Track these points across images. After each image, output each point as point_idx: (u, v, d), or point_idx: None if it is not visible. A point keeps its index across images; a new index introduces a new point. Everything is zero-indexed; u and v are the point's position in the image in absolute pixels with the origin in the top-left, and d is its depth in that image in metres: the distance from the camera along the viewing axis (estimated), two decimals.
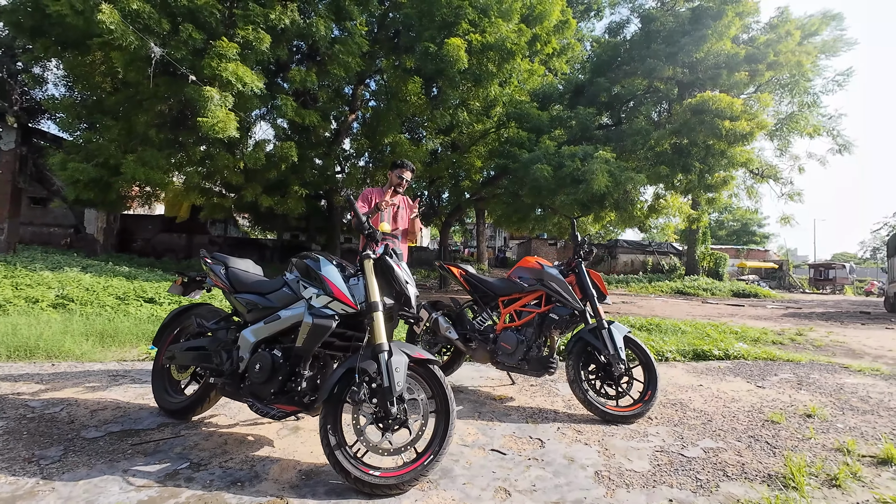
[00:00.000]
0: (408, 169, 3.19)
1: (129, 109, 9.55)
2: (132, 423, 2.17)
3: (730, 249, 28.30)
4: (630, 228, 12.63)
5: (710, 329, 6.02)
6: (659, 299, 14.25)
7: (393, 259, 1.97)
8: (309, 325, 1.79)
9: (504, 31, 9.54)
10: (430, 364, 1.85)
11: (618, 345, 2.50)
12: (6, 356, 3.36)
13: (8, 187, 10.60)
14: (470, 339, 2.99)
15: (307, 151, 11.53)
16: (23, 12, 8.55)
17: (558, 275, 2.73)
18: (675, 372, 3.71)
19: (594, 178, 8.27)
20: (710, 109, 8.59)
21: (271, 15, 8.38)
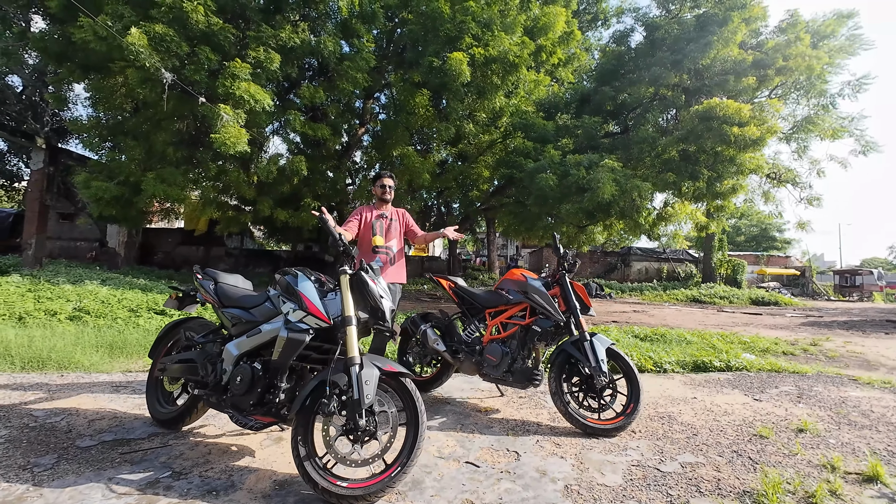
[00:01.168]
0: (387, 177, 3.24)
1: (148, 129, 9.98)
2: (125, 433, 2.27)
3: (748, 256, 27.53)
4: (637, 237, 12.45)
5: (717, 339, 5.89)
6: (672, 308, 13.95)
7: (369, 274, 2.04)
8: (284, 338, 1.87)
9: (507, 44, 9.67)
10: (402, 377, 1.90)
11: (599, 357, 2.50)
12: (20, 367, 3.55)
13: (36, 205, 11.15)
14: (458, 351, 3.02)
15: (318, 165, 11.82)
16: (50, 39, 9.09)
17: (541, 287, 2.75)
18: (670, 384, 3.66)
19: (600, 186, 8.24)
20: (718, 116, 8.48)
21: (282, 34, 8.71)
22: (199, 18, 7.84)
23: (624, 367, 2.57)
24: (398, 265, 3.25)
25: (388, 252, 3.16)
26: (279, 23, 8.90)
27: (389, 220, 3.23)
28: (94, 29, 7.80)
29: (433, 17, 9.80)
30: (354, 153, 15.29)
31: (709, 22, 9.44)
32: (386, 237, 3.18)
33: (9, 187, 21.81)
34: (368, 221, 3.14)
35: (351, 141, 13.80)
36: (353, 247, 2.70)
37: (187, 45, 8.09)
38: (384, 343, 3.24)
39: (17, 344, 3.79)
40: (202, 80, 8.27)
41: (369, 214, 3.17)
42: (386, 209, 3.25)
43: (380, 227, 3.18)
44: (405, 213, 3.38)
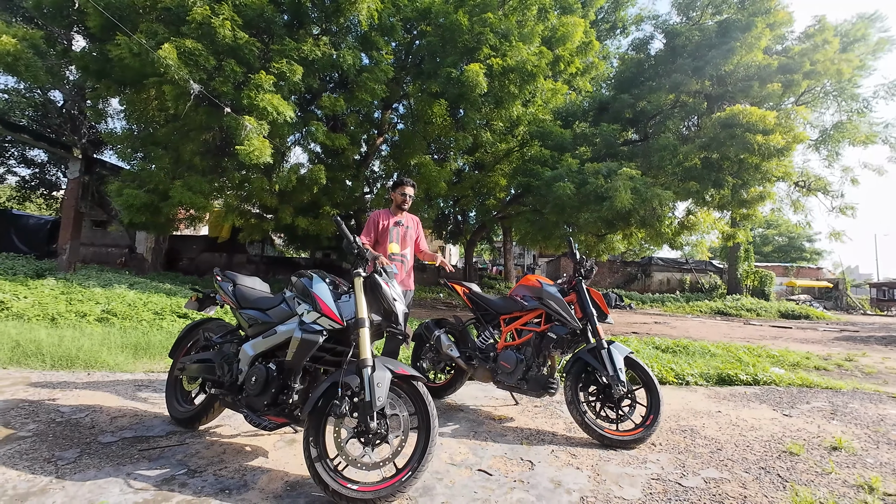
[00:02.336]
0: (408, 185, 3.26)
1: (177, 140, 10.39)
2: (145, 430, 2.33)
3: (776, 267, 26.49)
4: (658, 247, 12.16)
5: (744, 352, 5.66)
6: (696, 320, 13.52)
7: (383, 277, 2.05)
8: (298, 339, 1.89)
9: (525, 54, 9.72)
10: (414, 380, 1.89)
11: (617, 366, 2.43)
12: (50, 365, 3.69)
13: (71, 212, 11.70)
14: (471, 357, 2.99)
15: (338, 174, 12.05)
16: (89, 57, 9.61)
17: (557, 293, 2.71)
18: (693, 397, 3.52)
19: (618, 195, 8.12)
20: (741, 123, 8.26)
21: (304, 47, 8.98)
22: (226, 34, 8.16)
23: (643, 377, 2.48)
24: (409, 272, 3.28)
25: (404, 259, 3.19)
26: (301, 37, 9.19)
27: (406, 227, 3.26)
28: (130, 46, 8.22)
29: (451, 29, 9.95)
30: (373, 162, 15.55)
31: (731, 28, 9.28)
32: (402, 245, 3.21)
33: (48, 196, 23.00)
34: (386, 227, 3.17)
35: (369, 150, 14.04)
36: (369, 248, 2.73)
37: (215, 59, 8.43)
38: (397, 347, 3.24)
39: (49, 343, 3.95)
40: (228, 92, 8.59)
41: (386, 221, 3.19)
42: (403, 216, 3.27)
43: (397, 234, 3.21)
44: (419, 223, 3.42)
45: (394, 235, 3.19)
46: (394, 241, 3.18)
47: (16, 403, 2.64)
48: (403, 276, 3.19)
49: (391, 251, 3.16)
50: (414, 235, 3.31)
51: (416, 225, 3.36)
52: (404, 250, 3.22)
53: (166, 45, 7.71)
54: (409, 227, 3.28)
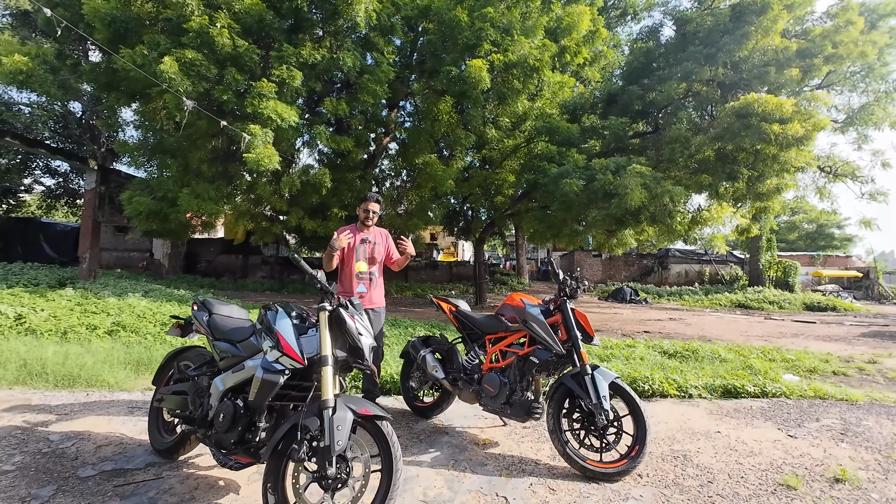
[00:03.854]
0: (372, 201, 3.16)
1: (185, 148, 10.57)
2: (125, 462, 2.35)
3: (802, 257, 25.46)
4: (671, 242, 11.80)
5: (757, 357, 5.42)
6: (714, 314, 13.12)
7: (349, 310, 2.00)
8: (259, 379, 1.85)
9: (527, 48, 9.47)
10: (378, 420, 1.83)
11: (601, 393, 2.32)
12: (53, 384, 3.79)
13: (89, 221, 12.08)
14: (457, 378, 2.93)
15: (345, 175, 12.08)
16: (99, 70, 9.83)
17: (540, 315, 2.60)
18: (694, 413, 3.37)
19: (627, 193, 7.87)
20: (756, 112, 7.87)
21: (302, 52, 8.97)
22: (224, 42, 8.20)
23: (630, 405, 2.37)
24: (379, 289, 3.21)
25: (372, 277, 3.11)
26: (300, 41, 9.17)
27: (373, 244, 3.17)
28: (133, 58, 8.35)
29: (451, 26, 9.77)
30: (381, 162, 15.53)
31: (746, 11, 8.82)
32: (369, 263, 3.13)
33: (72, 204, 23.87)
34: (351, 246, 3.08)
35: (376, 151, 14.01)
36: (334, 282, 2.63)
37: (216, 68, 8.49)
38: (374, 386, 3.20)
39: (54, 361, 4.07)
40: (231, 101, 8.65)
41: (352, 238, 3.09)
42: (369, 232, 3.18)
43: (363, 252, 3.13)
44: (388, 236, 3.31)
45: (360, 253, 3.12)
46: (360, 259, 3.10)
47: (9, 431, 2.71)
48: (371, 293, 3.12)
49: (358, 270, 3.08)
50: (383, 251, 3.23)
51: (384, 239, 3.27)
52: (372, 268, 3.15)
53: (167, 59, 7.79)
54: (376, 244, 3.19)
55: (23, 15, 15.92)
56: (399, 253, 3.25)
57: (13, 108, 18.26)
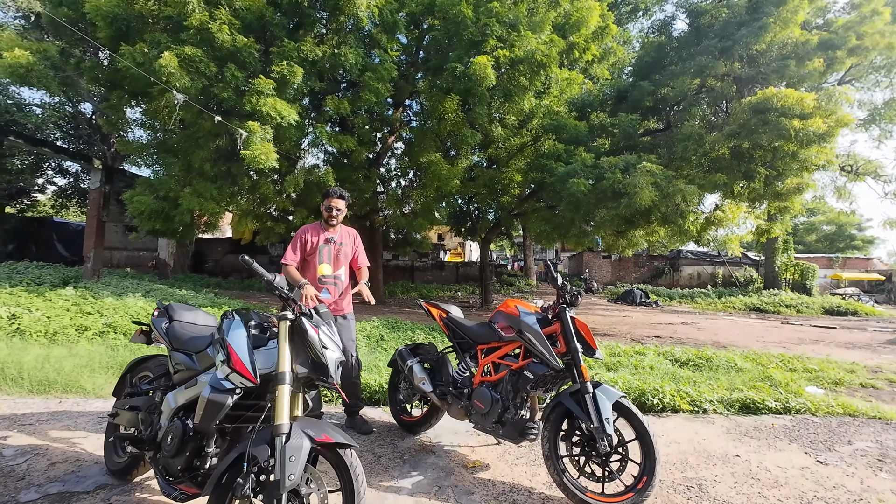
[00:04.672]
0: (336, 197, 2.83)
1: (187, 147, 10.47)
2: (75, 483, 2.14)
3: (820, 259, 24.65)
4: (683, 244, 11.38)
5: (776, 366, 5.07)
6: (728, 318, 12.65)
7: (312, 320, 1.75)
8: (205, 399, 1.62)
9: (534, 43, 9.19)
10: (341, 448, 1.58)
11: (604, 415, 2.04)
12: (28, 390, 3.62)
13: (94, 221, 12.08)
14: (446, 392, 2.67)
15: (350, 174, 11.91)
16: (100, 68, 9.78)
17: (535, 325, 2.33)
18: (709, 431, 3.07)
19: (637, 192, 7.53)
20: (775, 107, 7.48)
21: (304, 48, 8.79)
22: (224, 38, 8.06)
23: (637, 428, 2.08)
24: (346, 295, 2.92)
25: (337, 282, 2.83)
26: (301, 37, 9.00)
27: (339, 244, 2.88)
28: (134, 56, 8.26)
29: (456, 22, 9.53)
30: (388, 161, 15.34)
31: (764, 2, 8.42)
32: (334, 265, 2.84)
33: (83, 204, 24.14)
34: (315, 246, 2.79)
35: (381, 150, 13.81)
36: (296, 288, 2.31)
37: (215, 65, 8.36)
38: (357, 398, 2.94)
39: (31, 366, 3.90)
40: (230, 98, 8.51)
41: (315, 238, 2.81)
42: (334, 232, 2.88)
43: (328, 253, 2.84)
44: (357, 236, 3.02)
45: (324, 255, 2.82)
46: (324, 261, 2.81)
47: None
48: (337, 299, 2.86)
49: (322, 273, 2.80)
50: (350, 253, 2.95)
51: (352, 240, 2.99)
52: (337, 271, 2.86)
53: (167, 54, 7.68)
54: (342, 244, 2.90)
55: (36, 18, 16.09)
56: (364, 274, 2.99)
57: (24, 108, 18.50)
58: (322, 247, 2.81)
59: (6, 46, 9.54)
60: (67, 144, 19.73)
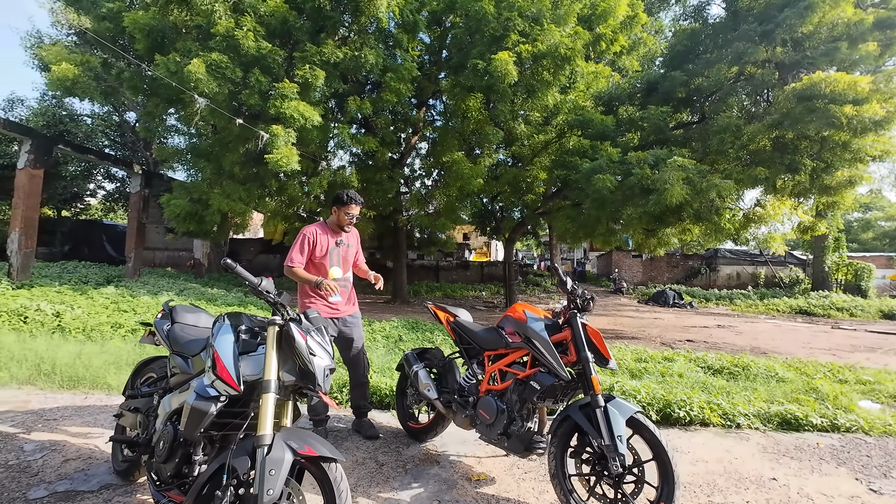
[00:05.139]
0: (356, 204, 2.80)
1: (218, 151, 10.86)
2: (82, 482, 2.18)
3: (878, 258, 22.68)
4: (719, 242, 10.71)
5: (824, 376, 4.63)
6: (770, 322, 11.85)
7: (301, 326, 1.69)
8: (189, 406, 1.58)
9: (557, 37, 8.89)
10: (326, 462, 1.51)
11: (616, 432, 1.87)
12: (59, 385, 3.80)
13: (135, 223, 12.75)
14: (451, 400, 2.56)
15: (374, 175, 12.01)
16: (139, 78, 10.28)
17: (543, 331, 2.17)
18: (742, 449, 2.80)
19: (667, 188, 7.13)
20: (823, 94, 6.87)
21: (325, 51, 8.90)
22: (249, 44, 8.27)
23: (654, 448, 1.89)
24: (353, 294, 2.93)
25: (347, 284, 2.82)
26: (322, 40, 9.12)
27: (347, 246, 2.87)
28: (167, 65, 8.62)
29: (477, 19, 9.37)
30: (412, 161, 15.38)
31: None
32: (343, 268, 2.81)
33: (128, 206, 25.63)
34: (325, 249, 2.76)
35: (405, 150, 13.84)
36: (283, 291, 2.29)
37: (241, 70, 8.60)
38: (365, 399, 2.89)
39: (64, 362, 4.10)
40: (255, 103, 8.74)
41: (325, 241, 2.76)
42: (342, 234, 2.86)
43: (338, 256, 2.81)
44: (358, 236, 3.02)
45: (334, 258, 2.79)
46: (335, 264, 2.77)
47: None
48: (348, 301, 2.86)
49: (333, 277, 2.76)
50: (354, 253, 2.96)
51: (356, 240, 2.99)
52: (346, 273, 2.86)
53: (195, 61, 7.96)
54: (349, 246, 2.89)
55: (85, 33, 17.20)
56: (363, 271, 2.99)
57: (76, 118, 19.83)
58: (332, 249, 2.80)
59: (55, 60, 10.20)
60: (114, 151, 21.00)
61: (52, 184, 18.79)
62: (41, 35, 18.58)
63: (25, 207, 9.69)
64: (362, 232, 12.76)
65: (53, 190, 19.26)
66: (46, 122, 17.60)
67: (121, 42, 10.67)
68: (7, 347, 4.51)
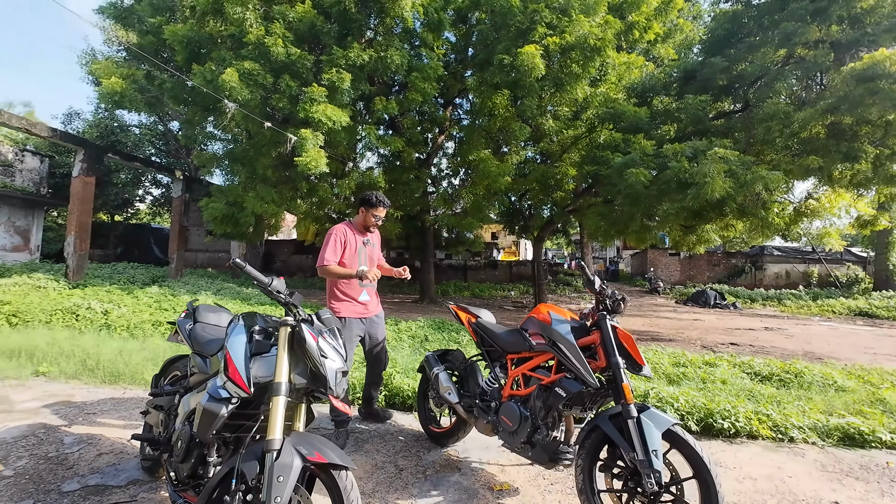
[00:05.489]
0: (384, 207, 2.87)
1: (252, 156, 11.24)
2: (112, 476, 2.24)
3: None
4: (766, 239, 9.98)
5: (891, 387, 4.17)
6: (825, 324, 10.96)
7: (314, 327, 1.64)
8: (201, 408, 1.56)
9: (586, 27, 8.58)
10: (336, 469, 1.45)
11: (650, 446, 1.70)
12: (101, 380, 4.00)
13: (177, 226, 13.42)
14: (472, 405, 2.46)
15: (401, 175, 12.08)
16: (179, 88, 10.80)
17: (569, 334, 2.03)
18: (797, 467, 2.53)
19: (707, 182, 6.70)
20: (887, 73, 6.24)
21: (351, 54, 9.01)
22: (279, 51, 8.48)
23: (695, 463, 1.71)
24: (376, 294, 3.00)
25: (373, 284, 2.80)
26: (349, 43, 9.23)
27: (372, 246, 2.96)
28: (203, 74, 8.99)
29: (503, 13, 9.20)
30: (438, 161, 15.36)
31: None
32: (370, 266, 2.83)
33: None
34: (354, 249, 2.81)
35: (431, 150, 13.83)
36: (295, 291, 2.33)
37: (271, 77, 8.84)
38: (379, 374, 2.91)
39: (106, 358, 4.31)
40: (285, 106, 8.96)
41: (354, 241, 2.82)
42: (368, 234, 2.95)
43: (365, 256, 2.87)
44: (379, 236, 3.11)
45: (363, 258, 2.85)
46: (363, 263, 2.82)
47: (34, 430, 2.79)
48: (374, 300, 2.92)
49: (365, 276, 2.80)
50: (378, 252, 3.04)
51: (379, 241, 3.08)
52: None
53: (229, 70, 8.26)
54: (374, 246, 2.99)
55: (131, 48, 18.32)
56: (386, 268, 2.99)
57: (126, 129, 21.19)
58: (360, 249, 2.87)
59: (104, 75, 10.88)
60: (159, 159, 22.28)
61: (106, 191, 20.16)
62: (94, 52, 19.95)
63: (79, 213, 10.39)
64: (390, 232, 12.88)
65: (107, 196, 20.64)
66: (100, 133, 18.89)
67: (163, 54, 11.25)
68: (59, 343, 4.81)
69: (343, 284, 2.79)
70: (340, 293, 2.80)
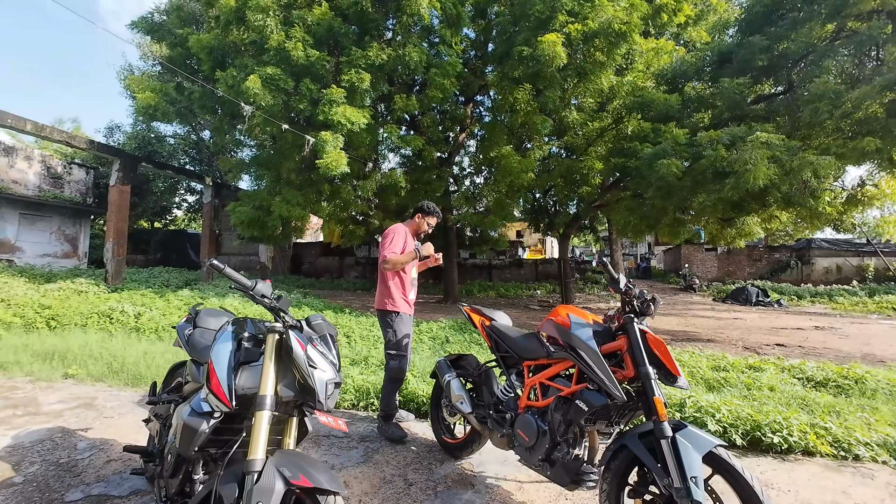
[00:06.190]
0: (437, 217, 3.08)
1: (276, 160, 11.44)
2: (115, 486, 2.19)
3: None
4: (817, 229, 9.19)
5: None
6: (884, 322, 10.04)
7: (303, 333, 1.50)
8: (182, 423, 1.45)
9: (610, 11, 8.17)
10: (322, 494, 1.29)
11: (688, 472, 1.46)
12: (124, 382, 4.06)
13: (207, 231, 13.86)
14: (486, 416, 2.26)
15: (422, 175, 11.98)
16: (207, 97, 11.11)
17: (590, 340, 1.80)
18: (866, 491, 2.19)
19: (749, 169, 6.19)
20: None
21: (370, 54, 8.97)
22: (298, 54, 8.54)
23: (744, 494, 1.46)
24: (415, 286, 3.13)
25: (416, 283, 3.10)
26: (367, 43, 9.20)
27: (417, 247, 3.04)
28: (226, 80, 9.18)
29: (522, 3, 8.91)
30: (461, 159, 15.20)
31: None
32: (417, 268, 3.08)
33: None
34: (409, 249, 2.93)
35: (452, 148, 13.67)
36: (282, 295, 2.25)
37: (292, 80, 8.92)
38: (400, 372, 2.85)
39: (131, 361, 4.38)
40: (305, 109, 9.02)
41: (410, 240, 2.96)
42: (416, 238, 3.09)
43: None
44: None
45: None
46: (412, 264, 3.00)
47: (52, 434, 2.81)
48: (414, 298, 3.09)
49: (412, 276, 3.03)
50: None
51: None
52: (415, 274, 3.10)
53: (252, 77, 8.38)
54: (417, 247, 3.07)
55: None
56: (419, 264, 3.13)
57: (161, 139, 22.21)
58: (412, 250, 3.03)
59: (138, 89, 11.35)
60: (193, 167, 23.20)
61: (145, 199, 21.18)
62: (132, 67, 21.01)
63: (116, 220, 10.88)
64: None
65: (146, 204, 21.68)
66: (137, 144, 19.84)
67: (192, 66, 11.63)
68: (90, 346, 4.96)
69: (398, 282, 2.92)
70: (397, 289, 2.93)
